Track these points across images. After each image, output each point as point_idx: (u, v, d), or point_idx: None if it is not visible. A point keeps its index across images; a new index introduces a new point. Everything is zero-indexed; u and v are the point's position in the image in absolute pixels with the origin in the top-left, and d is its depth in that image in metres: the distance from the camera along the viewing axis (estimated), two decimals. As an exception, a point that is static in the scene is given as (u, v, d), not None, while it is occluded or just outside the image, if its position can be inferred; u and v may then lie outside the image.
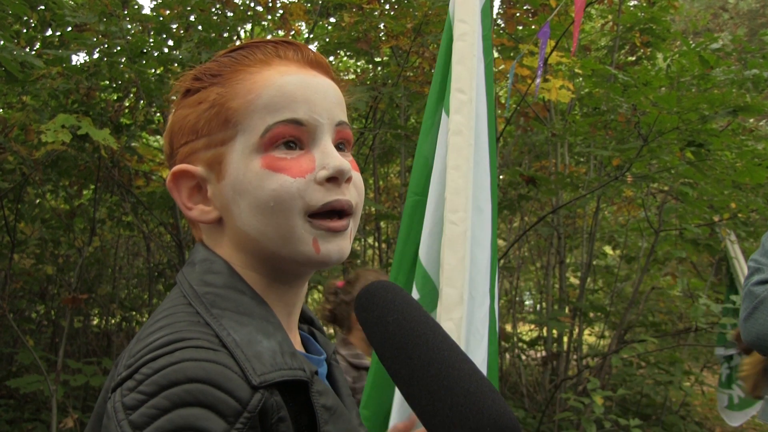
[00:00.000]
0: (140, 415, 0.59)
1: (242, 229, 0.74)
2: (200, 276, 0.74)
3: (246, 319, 0.69)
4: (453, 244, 1.31)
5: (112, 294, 5.03)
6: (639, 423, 3.28)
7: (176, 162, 0.78)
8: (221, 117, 0.74)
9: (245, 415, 0.60)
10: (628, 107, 3.45)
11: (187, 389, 0.59)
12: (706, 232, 4.47)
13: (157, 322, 0.68)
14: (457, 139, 1.38)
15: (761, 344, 1.56)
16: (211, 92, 0.75)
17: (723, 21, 9.46)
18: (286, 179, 0.71)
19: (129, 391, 0.61)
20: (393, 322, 0.71)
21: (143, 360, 0.62)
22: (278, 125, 0.72)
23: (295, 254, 0.73)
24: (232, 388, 0.61)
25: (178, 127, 0.77)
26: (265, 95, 0.73)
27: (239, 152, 0.73)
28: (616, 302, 5.46)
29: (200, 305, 0.70)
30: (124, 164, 3.59)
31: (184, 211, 0.77)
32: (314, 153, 0.74)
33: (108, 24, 2.89)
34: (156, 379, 0.60)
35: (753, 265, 1.65)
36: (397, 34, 3.48)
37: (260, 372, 0.63)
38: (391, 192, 5.35)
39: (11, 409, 4.16)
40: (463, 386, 0.64)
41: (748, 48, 4.54)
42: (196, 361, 0.61)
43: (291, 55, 0.77)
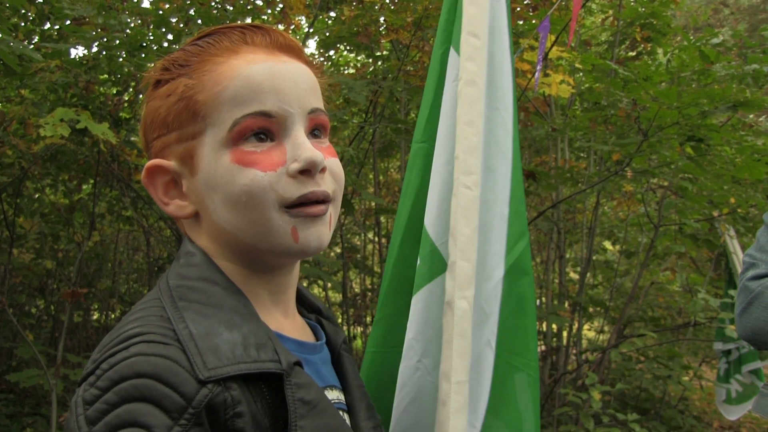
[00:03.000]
0: (94, 410, 0.59)
1: (218, 223, 0.73)
2: (179, 269, 0.73)
3: (211, 310, 0.68)
4: (467, 212, 1.13)
5: (111, 288, 5.04)
6: (636, 417, 3.29)
7: (151, 156, 0.76)
8: (190, 110, 0.72)
9: (189, 411, 0.59)
10: (628, 102, 3.45)
11: (134, 384, 0.59)
12: (705, 228, 4.47)
13: (129, 317, 0.68)
14: (470, 90, 1.18)
15: (756, 339, 1.57)
16: (180, 84, 0.73)
17: (724, 16, 9.44)
18: (257, 173, 0.70)
19: (89, 386, 0.61)
20: None
21: (105, 355, 0.63)
22: (246, 118, 0.70)
23: (272, 246, 0.72)
24: (177, 383, 0.60)
25: (150, 120, 0.76)
26: (232, 87, 0.71)
27: (209, 146, 0.72)
28: (615, 297, 5.47)
29: (168, 299, 0.69)
30: (123, 158, 3.58)
31: (162, 207, 0.76)
32: (285, 144, 0.72)
33: (107, 17, 2.88)
34: (110, 375, 0.60)
35: (748, 261, 1.65)
36: (397, 28, 3.47)
37: (212, 366, 0.62)
38: (391, 187, 5.35)
39: (11, 403, 4.16)
40: None
41: (749, 43, 4.54)
42: (144, 356, 0.61)
43: (259, 40, 0.74)
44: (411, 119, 4.52)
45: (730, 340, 4.15)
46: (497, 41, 1.29)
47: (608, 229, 5.73)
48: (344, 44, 4.23)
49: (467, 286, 1.12)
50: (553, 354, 4.95)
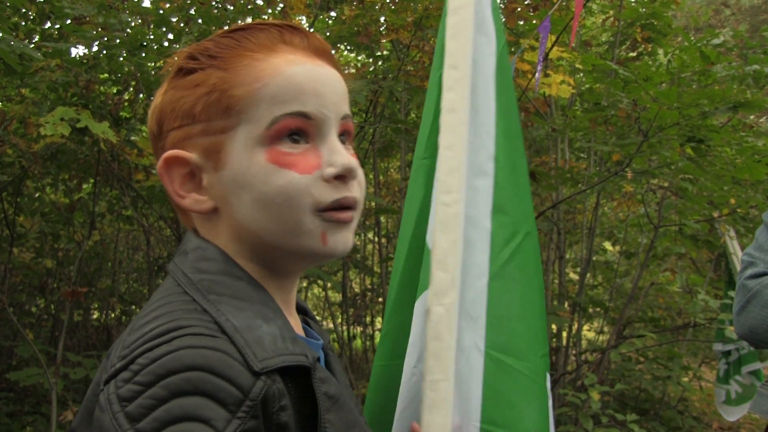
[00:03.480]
0: (137, 406, 0.56)
1: (241, 221, 0.71)
2: (193, 263, 0.71)
3: (244, 304, 0.67)
4: (445, 227, 1.23)
5: (111, 288, 5.04)
6: (636, 418, 3.29)
7: (165, 145, 0.74)
8: (222, 104, 0.70)
9: (247, 404, 0.58)
10: (628, 103, 3.45)
11: (186, 377, 0.57)
12: (705, 228, 4.47)
13: (152, 312, 0.66)
14: (450, 117, 1.29)
15: (754, 337, 1.58)
16: (210, 75, 0.71)
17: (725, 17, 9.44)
18: (294, 175, 0.69)
19: (124, 382, 0.58)
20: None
21: (140, 350, 0.60)
22: (285, 117, 0.69)
23: (300, 248, 0.71)
24: (233, 375, 0.58)
25: (171, 108, 0.73)
26: (273, 85, 0.70)
27: (241, 143, 0.70)
28: (615, 298, 5.47)
29: (196, 292, 0.67)
30: (123, 158, 3.58)
31: (176, 199, 0.73)
32: (321, 149, 0.72)
33: (107, 16, 2.89)
34: (153, 369, 0.58)
35: (746, 259, 1.66)
36: (397, 28, 3.47)
37: (261, 357, 0.61)
38: (391, 187, 5.35)
39: (11, 402, 4.17)
40: None
41: (750, 44, 4.54)
42: (194, 349, 0.59)
43: (297, 41, 0.74)
44: (411, 119, 4.52)
45: (729, 341, 4.15)
46: (480, 73, 1.40)
47: (608, 229, 5.73)
48: (344, 44, 4.23)
49: (444, 294, 1.19)
50: (553, 354, 4.95)
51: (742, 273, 1.64)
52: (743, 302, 1.59)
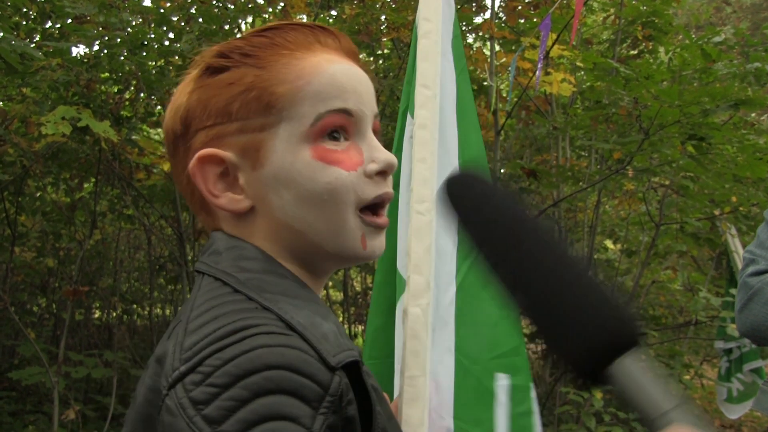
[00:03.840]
0: (216, 408, 0.55)
1: (283, 220, 0.71)
2: (234, 263, 0.69)
3: (299, 302, 0.66)
4: (419, 233, 1.35)
5: (113, 287, 5.04)
6: (638, 416, 3.29)
7: (192, 145, 0.72)
8: (262, 102, 0.69)
9: (328, 399, 0.58)
10: (629, 100, 3.45)
11: (267, 376, 0.56)
12: (706, 226, 4.47)
13: (207, 313, 0.64)
14: (422, 132, 1.42)
15: (756, 335, 1.57)
16: (246, 74, 0.70)
17: (726, 15, 9.43)
18: (341, 172, 0.69)
19: (195, 385, 0.56)
20: (499, 206, 0.66)
21: (207, 351, 0.58)
22: (330, 114, 0.69)
23: (341, 248, 0.71)
24: (313, 372, 0.58)
25: (202, 108, 0.71)
26: (316, 83, 0.70)
27: (284, 140, 0.70)
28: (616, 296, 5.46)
29: (252, 290, 0.66)
30: (124, 157, 3.59)
31: (209, 199, 0.71)
32: (361, 145, 0.72)
33: (108, 15, 2.89)
34: (228, 370, 0.56)
35: (748, 257, 1.66)
36: (398, 27, 3.47)
37: (333, 353, 0.61)
38: (391, 185, 5.35)
39: (13, 401, 4.17)
40: (590, 278, 0.59)
41: (751, 41, 4.53)
42: (270, 347, 0.58)
43: (330, 42, 0.74)
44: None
45: (731, 339, 4.15)
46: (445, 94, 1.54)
47: (609, 227, 5.73)
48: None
49: (420, 296, 1.30)
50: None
51: (744, 270, 1.64)
52: (745, 300, 1.59)
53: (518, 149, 5.35)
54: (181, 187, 0.77)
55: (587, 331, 0.56)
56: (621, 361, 0.55)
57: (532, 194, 4.74)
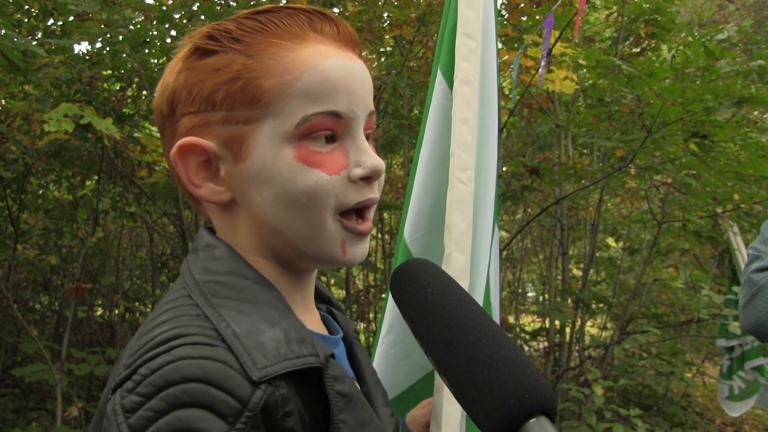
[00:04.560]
0: (138, 418, 0.56)
1: (263, 217, 0.69)
2: (203, 263, 0.70)
3: (249, 306, 0.65)
4: (462, 206, 1.16)
5: (115, 284, 5.05)
6: (639, 413, 3.30)
7: (177, 130, 0.70)
8: (248, 94, 0.67)
9: (246, 414, 0.57)
10: (632, 98, 3.44)
11: (184, 389, 0.56)
12: (709, 224, 4.47)
13: (159, 317, 0.65)
14: (465, 89, 1.21)
15: (760, 331, 1.58)
16: (233, 61, 0.67)
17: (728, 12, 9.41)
18: (322, 176, 0.67)
19: (128, 392, 0.58)
20: (432, 292, 0.70)
21: (142, 359, 0.59)
22: (318, 116, 0.67)
23: (319, 253, 0.70)
24: (231, 386, 0.57)
25: (186, 92, 0.69)
26: (305, 80, 0.67)
27: (267, 137, 0.67)
28: (618, 294, 5.47)
29: (200, 296, 0.66)
30: (127, 154, 3.59)
31: (190, 188, 0.70)
32: (348, 147, 0.70)
33: (110, 13, 2.89)
34: (153, 380, 0.57)
35: (752, 253, 1.66)
36: (400, 24, 3.46)
37: (261, 365, 0.60)
38: (394, 183, 5.34)
39: (16, 398, 4.18)
40: (503, 354, 0.62)
41: (754, 39, 4.52)
42: (192, 359, 0.58)
43: (328, 30, 0.70)
44: (414, 115, 4.51)
45: (733, 337, 4.15)
46: (487, 43, 1.34)
47: (611, 225, 5.72)
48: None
49: (462, 277, 1.15)
50: (556, 350, 4.96)
51: (748, 267, 1.64)
52: (749, 296, 1.59)
53: (521, 147, 5.35)
54: (171, 168, 0.74)
55: (496, 400, 0.60)
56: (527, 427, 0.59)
57: (534, 192, 4.74)
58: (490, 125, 1.32)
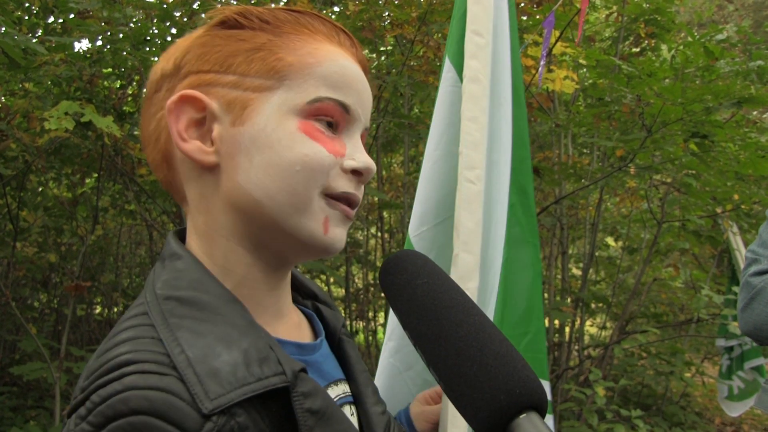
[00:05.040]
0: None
1: (244, 185, 0.68)
2: (166, 276, 0.68)
3: (206, 327, 0.62)
4: (470, 205, 1.16)
5: (114, 282, 5.05)
6: (640, 414, 3.30)
7: (176, 85, 0.70)
8: (267, 64, 0.68)
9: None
10: (632, 98, 3.44)
11: (131, 422, 0.55)
12: (708, 224, 4.47)
13: (117, 335, 0.63)
14: (473, 87, 1.21)
15: (758, 334, 1.58)
16: (259, 35, 0.70)
17: (728, 12, 9.41)
18: (322, 149, 0.68)
19: (80, 419, 0.57)
20: (422, 284, 0.69)
21: (94, 385, 0.58)
22: (330, 101, 0.69)
23: (299, 228, 0.68)
24: (179, 419, 0.55)
25: (201, 52, 0.70)
26: (326, 66, 0.69)
27: (275, 106, 0.68)
28: (618, 293, 5.47)
29: (158, 315, 0.63)
30: (127, 152, 3.58)
31: (176, 141, 0.68)
32: (347, 142, 0.72)
33: (111, 11, 2.88)
34: (102, 410, 0.56)
35: (750, 256, 1.66)
36: (402, 23, 3.46)
37: (214, 395, 0.57)
38: (394, 182, 5.34)
39: (14, 396, 4.18)
40: (493, 348, 0.62)
41: (753, 39, 4.52)
42: (139, 390, 0.56)
43: (348, 45, 0.75)
44: (414, 114, 4.51)
45: (732, 337, 4.15)
46: (499, 39, 1.33)
47: (611, 225, 5.73)
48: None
49: (469, 278, 1.14)
50: (555, 350, 4.96)
51: (746, 270, 1.64)
52: (747, 299, 1.59)
53: (520, 146, 5.34)
54: (146, 134, 0.73)
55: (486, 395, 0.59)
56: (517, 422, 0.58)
57: (534, 191, 4.74)
58: (502, 123, 1.32)
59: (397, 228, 5.27)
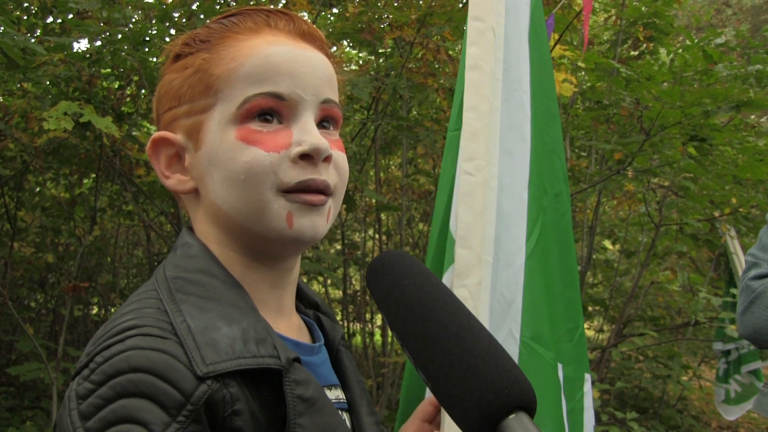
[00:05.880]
0: (88, 405, 0.58)
1: (215, 202, 0.71)
2: (177, 261, 0.72)
3: (210, 304, 0.66)
4: (469, 198, 1.10)
5: (112, 283, 5.04)
6: (635, 416, 3.30)
7: (160, 128, 0.76)
8: (204, 83, 0.71)
9: (188, 408, 0.58)
10: (630, 101, 3.45)
11: (130, 379, 0.57)
12: (706, 228, 4.48)
13: (124, 308, 0.67)
14: (473, 74, 1.15)
15: (758, 338, 1.58)
16: (198, 57, 0.73)
17: (726, 16, 9.44)
18: (259, 152, 0.68)
19: (83, 380, 0.60)
20: (409, 285, 0.69)
21: (99, 348, 0.61)
22: (257, 97, 0.69)
23: (265, 230, 0.70)
24: (176, 379, 0.58)
25: (164, 92, 0.75)
26: (249, 64, 0.70)
27: (216, 121, 0.71)
28: (615, 296, 5.48)
29: (165, 291, 0.67)
30: (125, 153, 3.58)
31: (162, 180, 0.75)
32: (293, 129, 0.71)
33: (110, 11, 2.88)
34: (104, 369, 0.59)
35: (750, 260, 1.66)
36: (401, 25, 3.46)
37: (210, 361, 0.60)
38: (392, 184, 5.34)
39: (11, 396, 4.17)
40: (481, 349, 0.61)
41: (752, 43, 4.54)
42: (141, 350, 0.59)
43: (282, 25, 0.74)
44: (413, 116, 4.51)
45: (730, 340, 4.16)
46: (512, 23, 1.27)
47: (609, 228, 5.73)
48: (348, 40, 4.22)
49: (468, 274, 1.09)
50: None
51: (746, 274, 1.65)
52: (747, 303, 1.60)
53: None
54: None
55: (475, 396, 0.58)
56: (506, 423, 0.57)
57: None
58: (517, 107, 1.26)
59: (395, 230, 5.27)
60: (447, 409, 0.61)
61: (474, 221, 1.10)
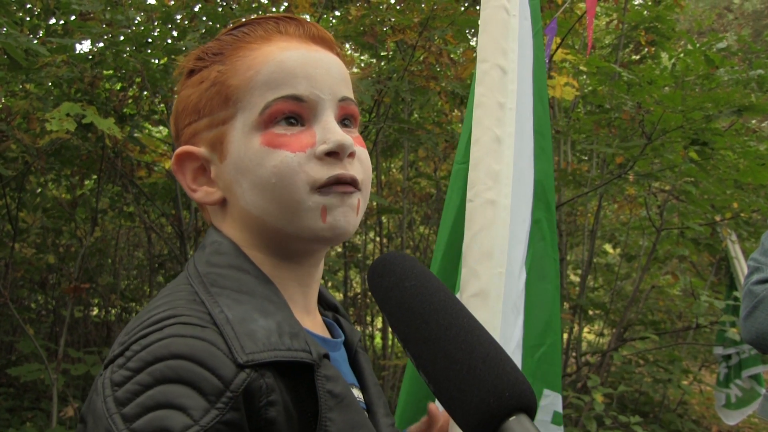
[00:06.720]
0: (125, 391, 0.58)
1: (245, 208, 0.73)
2: (207, 257, 0.73)
3: (245, 297, 0.68)
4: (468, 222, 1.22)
5: (112, 284, 5.03)
6: (639, 420, 3.29)
7: (181, 143, 0.77)
8: (222, 95, 0.73)
9: (227, 395, 0.58)
10: (632, 105, 3.45)
11: (170, 365, 0.58)
12: (707, 232, 4.48)
13: (157, 301, 0.68)
14: (478, 112, 1.28)
15: (761, 343, 1.58)
16: (213, 71, 0.74)
17: (728, 21, 9.45)
18: (287, 155, 0.70)
19: (118, 367, 0.60)
20: (411, 287, 0.69)
21: (135, 337, 0.62)
22: (277, 102, 0.71)
23: (300, 229, 0.71)
24: (216, 366, 0.59)
25: (182, 107, 0.77)
26: (265, 71, 0.72)
27: (239, 131, 0.72)
28: (616, 300, 5.47)
29: (199, 284, 0.69)
30: (126, 154, 3.58)
31: (189, 194, 0.76)
32: (315, 129, 0.72)
33: (113, 13, 2.88)
34: (143, 356, 0.59)
35: (753, 265, 1.66)
36: (403, 28, 3.47)
37: (249, 351, 0.61)
38: (393, 186, 5.34)
39: (11, 397, 4.16)
40: (482, 351, 0.62)
41: (753, 48, 4.54)
42: (181, 337, 0.60)
43: (293, 30, 0.76)
44: (414, 119, 4.51)
45: (730, 345, 4.15)
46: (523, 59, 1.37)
47: (610, 232, 5.73)
48: (350, 43, 4.23)
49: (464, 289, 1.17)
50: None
51: (749, 278, 1.64)
52: (750, 308, 1.59)
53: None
54: None
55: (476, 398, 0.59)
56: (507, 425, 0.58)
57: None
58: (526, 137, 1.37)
59: (396, 232, 5.27)
60: (448, 411, 0.62)
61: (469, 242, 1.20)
